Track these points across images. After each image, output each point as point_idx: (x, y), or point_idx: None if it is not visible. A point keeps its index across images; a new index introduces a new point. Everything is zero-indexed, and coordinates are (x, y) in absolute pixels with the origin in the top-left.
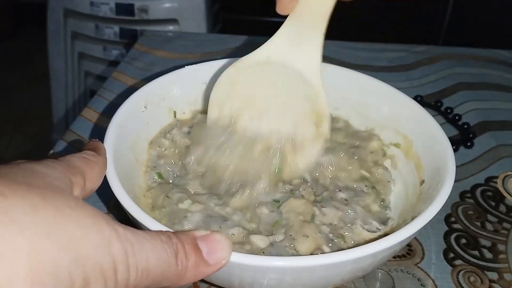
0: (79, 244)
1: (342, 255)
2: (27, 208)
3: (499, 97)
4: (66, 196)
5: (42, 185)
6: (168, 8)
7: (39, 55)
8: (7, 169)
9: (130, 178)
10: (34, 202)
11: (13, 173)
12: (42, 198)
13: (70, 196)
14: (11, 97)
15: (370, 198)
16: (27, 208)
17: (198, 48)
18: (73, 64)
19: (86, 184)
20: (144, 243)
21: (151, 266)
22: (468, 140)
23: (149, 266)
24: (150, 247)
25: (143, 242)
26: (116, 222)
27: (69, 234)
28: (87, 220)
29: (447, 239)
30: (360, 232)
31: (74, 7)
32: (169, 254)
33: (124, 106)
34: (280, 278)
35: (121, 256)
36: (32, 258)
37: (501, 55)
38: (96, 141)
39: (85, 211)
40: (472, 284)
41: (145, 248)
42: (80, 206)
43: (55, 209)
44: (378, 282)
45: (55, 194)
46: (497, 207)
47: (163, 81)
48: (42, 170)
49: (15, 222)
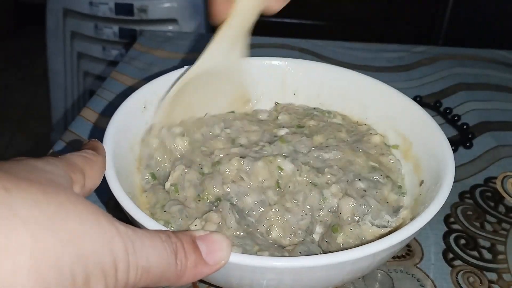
0: (82, 240)
1: (342, 256)
2: (30, 203)
3: (498, 97)
4: (67, 192)
5: (43, 180)
6: (167, 8)
7: (38, 55)
8: (9, 164)
9: (129, 178)
10: (37, 197)
11: (15, 168)
12: (44, 193)
13: (71, 192)
14: (11, 96)
15: (387, 187)
16: (30, 202)
17: (197, 48)
18: (72, 64)
19: (86, 183)
20: (144, 241)
21: (151, 265)
22: (468, 141)
23: (149, 265)
24: (150, 245)
25: (143, 241)
26: (117, 220)
27: (71, 229)
28: (89, 216)
29: (446, 239)
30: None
31: (73, 7)
32: (169, 253)
33: (123, 106)
34: (279, 279)
35: (122, 254)
36: (35, 252)
37: (501, 55)
38: (96, 141)
39: (87, 207)
40: (471, 285)
41: (146, 247)
42: (82, 202)
43: (57, 204)
44: (377, 283)
45: (56, 190)
46: (496, 207)
47: (163, 81)
48: (43, 166)
49: (18, 216)
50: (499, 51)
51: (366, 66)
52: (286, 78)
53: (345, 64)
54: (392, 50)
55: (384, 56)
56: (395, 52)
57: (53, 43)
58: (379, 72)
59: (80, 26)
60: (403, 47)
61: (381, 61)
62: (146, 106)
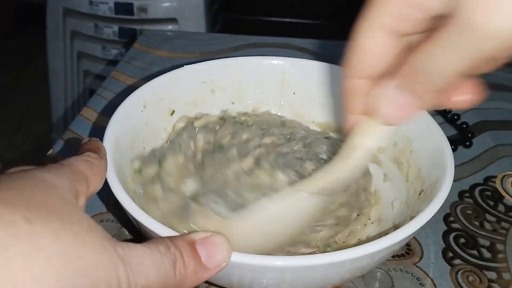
0: (95, 269)
1: (341, 255)
2: (51, 235)
3: (498, 97)
4: (78, 217)
5: (56, 202)
6: (167, 8)
7: (38, 54)
8: (22, 181)
9: (129, 177)
10: (55, 228)
11: (30, 188)
12: (61, 222)
13: (81, 216)
14: (11, 96)
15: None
16: (51, 235)
17: (197, 48)
18: (72, 63)
19: (89, 189)
20: (142, 261)
21: (151, 281)
22: (467, 140)
23: (149, 282)
24: (148, 263)
25: (141, 261)
26: (117, 242)
27: (86, 260)
28: (97, 242)
29: (445, 238)
30: None
31: (74, 6)
32: (167, 266)
33: (123, 106)
34: (279, 278)
35: (124, 277)
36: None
37: None
38: (97, 141)
39: (96, 234)
40: (471, 284)
41: (145, 266)
42: (91, 228)
43: (72, 234)
44: (377, 282)
45: (70, 216)
46: (495, 206)
47: (163, 80)
48: (51, 180)
49: (43, 251)
50: None
51: None
52: (286, 77)
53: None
54: None
55: None
56: None
57: (53, 42)
58: None
59: (80, 25)
60: None
61: None
62: (146, 106)
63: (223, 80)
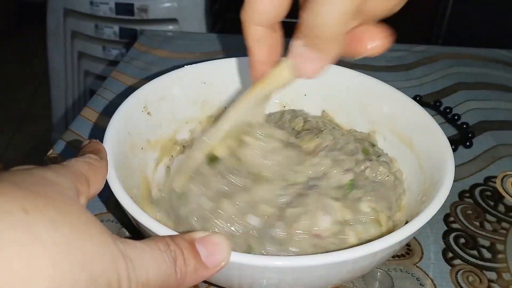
0: (94, 261)
1: (341, 255)
2: (48, 225)
3: (498, 97)
4: (78, 210)
5: (56, 196)
6: (167, 8)
7: (39, 54)
8: (21, 176)
9: (130, 178)
10: (53, 218)
11: (28, 181)
12: (60, 214)
13: (81, 209)
14: (11, 96)
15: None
16: (48, 224)
17: (198, 48)
18: (72, 64)
19: (90, 190)
20: (143, 257)
21: (151, 278)
22: (467, 140)
23: (149, 279)
24: (149, 259)
25: (142, 256)
26: (118, 237)
27: (85, 251)
28: (97, 236)
29: (446, 238)
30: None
31: (74, 6)
32: (168, 263)
33: (123, 106)
34: (279, 278)
35: (124, 272)
36: (55, 279)
37: (501, 55)
38: (97, 142)
39: (96, 227)
40: (471, 284)
41: (145, 261)
42: (91, 221)
43: (71, 225)
44: (377, 282)
45: (68, 207)
46: (496, 206)
47: (163, 80)
48: (52, 178)
49: (39, 239)
50: (499, 50)
51: (365, 66)
52: None
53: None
54: (392, 49)
55: (384, 56)
56: (394, 51)
57: (53, 42)
58: (379, 72)
59: (81, 25)
60: (403, 46)
61: (381, 61)
62: (146, 106)
63: (223, 80)
